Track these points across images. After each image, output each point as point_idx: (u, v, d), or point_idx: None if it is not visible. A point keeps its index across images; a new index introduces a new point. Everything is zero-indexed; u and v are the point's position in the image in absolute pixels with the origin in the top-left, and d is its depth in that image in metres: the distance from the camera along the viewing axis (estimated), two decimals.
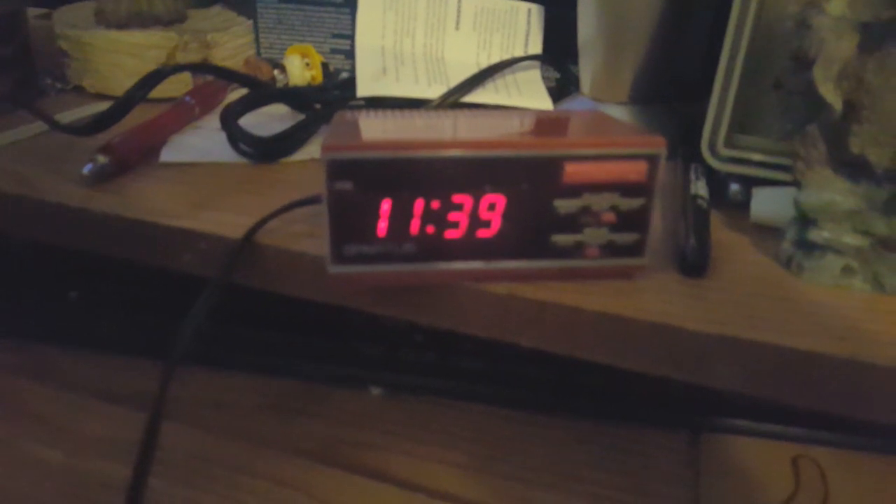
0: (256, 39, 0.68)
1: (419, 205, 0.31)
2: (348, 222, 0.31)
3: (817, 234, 0.34)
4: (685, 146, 0.45)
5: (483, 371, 0.51)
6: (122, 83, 0.59)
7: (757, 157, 0.40)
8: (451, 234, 0.32)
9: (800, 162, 0.34)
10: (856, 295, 0.34)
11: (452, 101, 0.55)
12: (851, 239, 0.33)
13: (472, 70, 0.58)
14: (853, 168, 0.33)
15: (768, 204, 0.38)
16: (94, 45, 0.60)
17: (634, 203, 0.32)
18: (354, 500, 0.39)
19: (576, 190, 0.32)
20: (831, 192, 0.33)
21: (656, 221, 0.37)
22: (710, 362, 0.31)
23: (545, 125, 0.37)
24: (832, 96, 0.31)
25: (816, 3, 0.31)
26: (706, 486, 0.43)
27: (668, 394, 0.48)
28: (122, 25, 0.60)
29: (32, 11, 0.69)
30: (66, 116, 0.56)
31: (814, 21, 0.31)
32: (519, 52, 0.60)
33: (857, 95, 0.32)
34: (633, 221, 0.32)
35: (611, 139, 0.32)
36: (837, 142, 0.33)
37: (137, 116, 0.50)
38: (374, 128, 0.35)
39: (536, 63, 0.61)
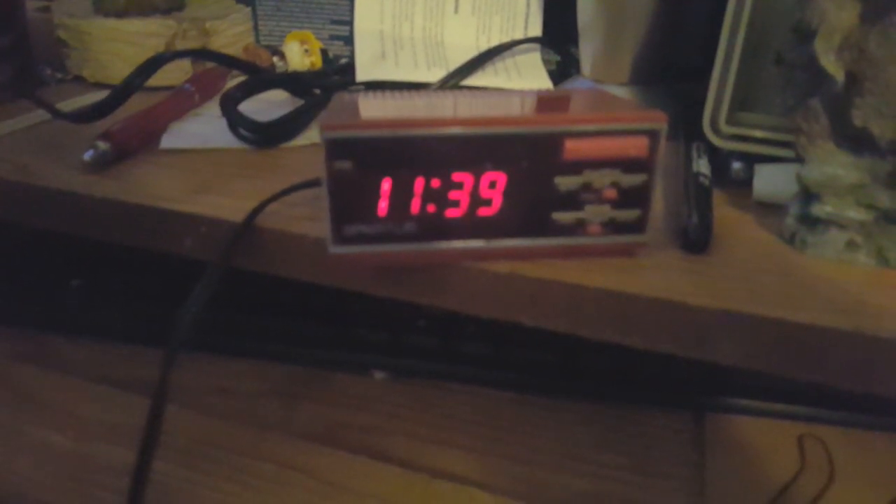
0: (255, 27, 0.68)
1: (419, 183, 0.31)
2: (348, 202, 0.31)
3: (820, 209, 0.34)
4: (686, 126, 0.44)
5: (486, 355, 0.50)
6: (121, 72, 0.59)
7: (759, 133, 0.39)
8: (451, 212, 0.32)
9: (802, 136, 0.34)
10: (860, 269, 0.33)
11: (452, 84, 0.55)
12: (855, 213, 0.33)
13: (471, 53, 0.57)
14: (856, 141, 0.33)
15: (771, 181, 0.38)
16: (93, 33, 0.60)
17: (636, 179, 0.32)
18: (358, 480, 0.39)
19: (576, 166, 0.31)
20: (834, 166, 0.33)
21: (658, 200, 0.37)
22: (712, 337, 0.31)
23: (545, 103, 0.36)
24: (834, 68, 0.31)
25: None
26: (711, 466, 0.43)
27: (672, 374, 0.48)
28: (120, 14, 0.60)
29: (31, 3, 0.69)
30: (67, 106, 0.56)
31: None
32: (519, 35, 0.60)
33: (859, 67, 0.31)
34: (635, 198, 0.32)
35: (611, 115, 0.31)
36: (840, 115, 0.33)
37: (138, 104, 0.50)
38: (373, 107, 0.35)
39: (536, 46, 0.60)
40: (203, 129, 0.51)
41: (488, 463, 0.43)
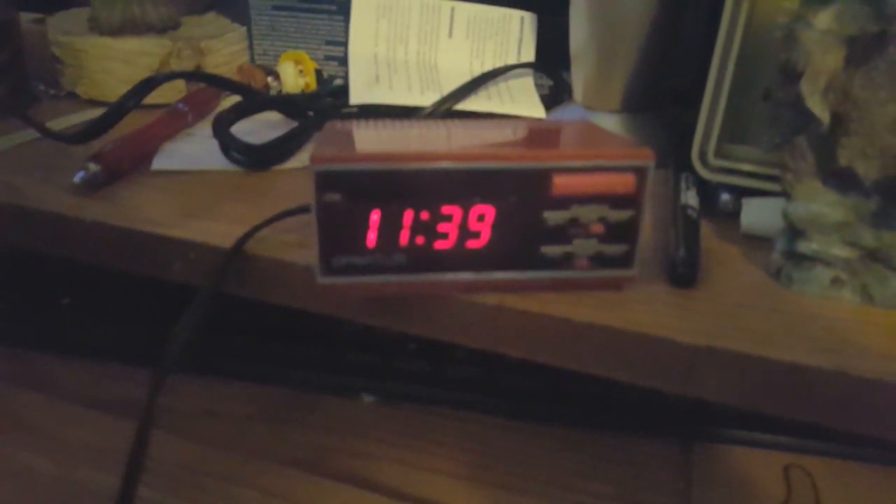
0: (250, 46, 0.68)
1: (408, 216, 0.31)
2: (337, 233, 0.31)
3: (806, 246, 0.34)
4: (677, 154, 0.45)
5: (476, 380, 0.51)
6: (115, 90, 0.60)
7: (746, 167, 0.40)
8: (440, 244, 0.32)
9: (788, 173, 0.34)
10: (845, 306, 0.34)
11: (445, 108, 0.55)
12: (840, 250, 0.33)
13: (465, 78, 0.58)
14: (841, 180, 0.33)
15: (758, 214, 0.38)
16: (88, 51, 0.60)
17: (623, 215, 0.32)
18: None
19: (565, 201, 0.32)
20: (820, 203, 0.34)
21: (647, 231, 0.37)
22: (698, 374, 0.31)
23: (534, 136, 0.37)
24: (819, 109, 0.31)
25: (803, 17, 0.31)
26: (698, 496, 0.43)
27: (660, 403, 0.48)
28: (115, 32, 0.60)
29: (25, 16, 0.69)
30: (60, 123, 0.56)
31: (801, 35, 0.31)
32: (512, 60, 0.61)
33: (844, 108, 0.32)
34: (622, 233, 0.32)
35: (599, 151, 0.32)
36: (825, 154, 0.33)
37: (130, 123, 0.50)
38: (364, 138, 0.35)
39: (529, 71, 0.61)
40: (195, 150, 0.51)
41: (476, 491, 0.43)
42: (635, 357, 0.32)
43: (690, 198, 0.39)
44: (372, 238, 0.32)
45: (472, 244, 0.32)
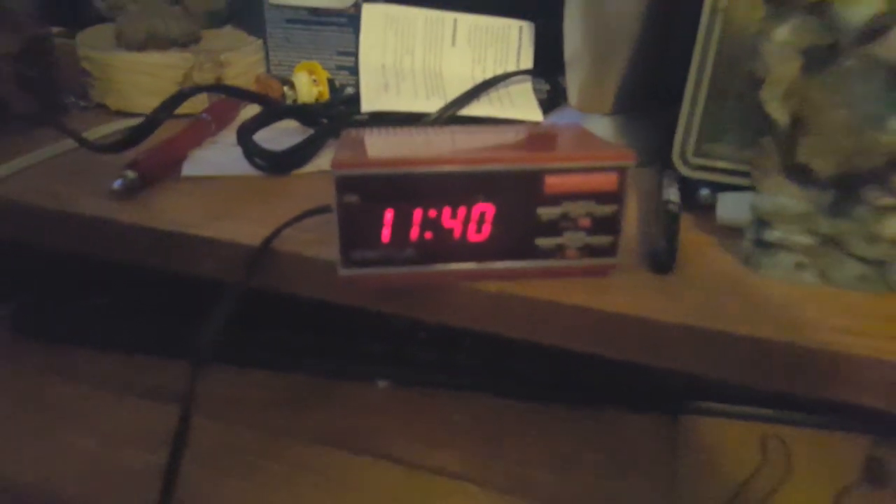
0: (266, 57, 0.72)
1: (418, 214, 0.36)
2: (355, 230, 0.36)
3: (771, 234, 0.38)
4: (664, 153, 0.49)
5: (480, 366, 0.55)
6: (141, 101, 0.64)
7: (722, 164, 0.44)
8: (446, 239, 0.36)
9: (756, 170, 0.38)
10: (806, 287, 0.38)
11: (450, 114, 0.59)
12: (801, 238, 0.38)
13: (467, 84, 0.62)
14: (801, 175, 0.37)
15: (732, 207, 0.43)
16: (116, 66, 0.64)
17: (607, 209, 0.36)
18: (363, 478, 0.43)
19: (556, 199, 0.36)
20: (783, 196, 0.38)
21: (634, 223, 0.42)
22: (672, 349, 0.35)
23: (529, 141, 0.41)
24: (778, 113, 0.36)
25: (764, 31, 0.36)
26: (682, 464, 0.47)
27: (650, 382, 0.53)
28: (141, 47, 0.64)
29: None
30: (92, 133, 0.60)
31: (761, 47, 0.35)
32: (511, 67, 0.65)
33: (802, 111, 0.36)
34: (607, 226, 0.37)
35: (585, 154, 0.36)
36: (787, 152, 0.37)
37: (159, 132, 0.53)
38: (378, 145, 0.39)
39: (528, 77, 0.65)
40: (220, 157, 0.55)
41: (482, 462, 0.47)
42: (619, 335, 0.36)
43: (672, 194, 0.44)
44: (386, 234, 0.36)
45: (474, 238, 0.37)
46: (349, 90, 0.67)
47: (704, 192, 0.45)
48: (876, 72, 0.35)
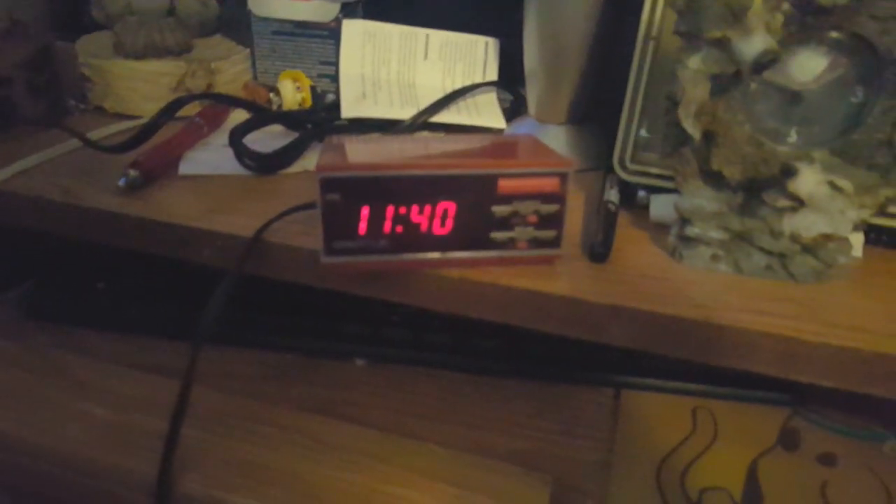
0: (253, 65, 0.78)
1: (391, 210, 0.42)
2: (336, 224, 0.42)
3: (691, 230, 0.45)
4: (609, 159, 0.55)
5: (447, 344, 0.61)
6: (138, 105, 0.70)
7: (655, 170, 0.50)
8: (415, 232, 0.42)
9: (678, 175, 0.45)
10: (720, 276, 0.45)
11: (422, 121, 0.65)
12: (716, 233, 0.44)
13: (438, 94, 0.68)
14: (715, 180, 0.44)
15: (662, 207, 0.49)
16: (114, 72, 0.69)
17: (552, 208, 0.43)
18: (342, 440, 0.49)
19: (508, 199, 0.42)
20: (701, 198, 0.44)
21: (579, 219, 0.48)
22: (604, 325, 0.42)
23: (487, 150, 0.47)
24: (692, 129, 0.42)
25: (680, 59, 0.42)
26: (623, 431, 0.54)
27: (595, 359, 0.59)
28: (139, 56, 0.70)
29: None
30: (93, 135, 0.65)
31: (678, 72, 0.42)
32: (478, 79, 0.71)
33: (713, 127, 0.42)
34: (551, 221, 0.43)
35: (533, 161, 0.42)
36: (703, 161, 0.44)
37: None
38: (357, 151, 0.45)
39: (493, 88, 0.71)
40: (213, 157, 0.61)
41: (446, 428, 0.54)
42: (560, 314, 0.42)
43: (612, 195, 0.50)
44: (363, 227, 0.42)
45: (439, 231, 0.43)
46: (330, 97, 0.72)
47: (641, 193, 0.52)
48: (773, 94, 0.41)
